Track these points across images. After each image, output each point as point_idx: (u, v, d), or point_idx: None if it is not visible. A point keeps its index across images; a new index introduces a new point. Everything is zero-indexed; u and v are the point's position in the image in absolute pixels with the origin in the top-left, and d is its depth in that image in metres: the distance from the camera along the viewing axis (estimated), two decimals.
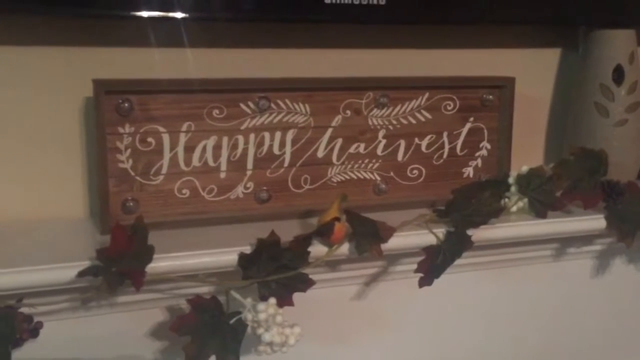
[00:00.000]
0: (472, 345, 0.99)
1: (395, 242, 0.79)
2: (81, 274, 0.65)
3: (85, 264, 0.67)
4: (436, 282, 0.80)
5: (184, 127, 0.81)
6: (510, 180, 0.89)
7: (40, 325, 0.68)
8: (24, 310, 0.67)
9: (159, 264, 0.70)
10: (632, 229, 0.90)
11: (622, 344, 1.09)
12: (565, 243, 0.97)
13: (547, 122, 1.11)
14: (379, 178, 0.92)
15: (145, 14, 0.79)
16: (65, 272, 0.66)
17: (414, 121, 0.92)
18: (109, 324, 0.78)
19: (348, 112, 0.88)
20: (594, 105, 1.01)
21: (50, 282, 0.67)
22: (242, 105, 0.83)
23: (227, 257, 0.73)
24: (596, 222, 0.90)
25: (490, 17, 0.97)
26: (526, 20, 1.01)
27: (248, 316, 0.72)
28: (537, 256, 0.97)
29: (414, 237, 0.81)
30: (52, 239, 0.78)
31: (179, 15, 0.81)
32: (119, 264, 0.65)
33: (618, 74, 1.00)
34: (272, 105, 0.84)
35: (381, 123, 0.90)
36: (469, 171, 0.96)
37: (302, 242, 0.74)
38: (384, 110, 0.90)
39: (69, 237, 0.79)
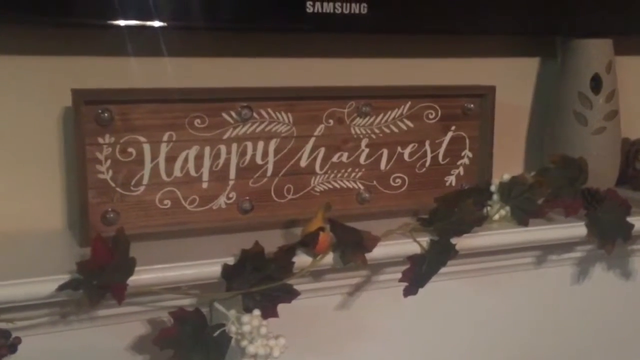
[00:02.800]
0: (456, 353, 0.99)
1: (380, 251, 0.79)
2: (61, 288, 0.63)
3: (64, 277, 0.65)
4: (419, 290, 0.80)
5: (165, 137, 0.80)
6: (493, 188, 0.90)
7: (18, 340, 0.66)
8: (1, 325, 0.66)
9: (140, 277, 0.69)
10: (612, 235, 0.91)
11: (603, 350, 1.10)
12: (546, 250, 0.98)
13: (527, 130, 1.12)
14: (362, 187, 0.91)
15: (126, 22, 0.78)
16: (44, 286, 0.65)
17: (396, 130, 0.92)
18: (90, 338, 0.76)
19: (331, 121, 0.88)
20: (572, 113, 1.02)
21: (29, 296, 0.65)
22: (224, 115, 0.82)
23: (211, 269, 0.72)
24: (577, 229, 0.91)
25: (470, 27, 0.98)
26: (506, 30, 1.02)
27: (232, 328, 0.71)
28: (519, 264, 0.98)
29: (399, 246, 0.81)
30: (30, 252, 0.76)
31: (158, 24, 0.80)
32: (100, 276, 0.63)
33: (596, 83, 1.01)
34: (255, 114, 0.84)
35: (364, 132, 0.90)
36: (451, 180, 0.96)
37: (287, 252, 0.73)
38: (366, 119, 0.90)
39: (46, 250, 0.77)
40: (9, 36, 0.80)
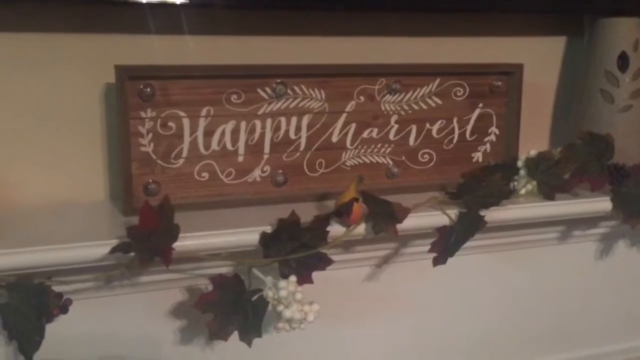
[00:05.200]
0: (481, 325, 1.01)
1: (410, 222, 0.81)
2: (113, 250, 0.67)
3: (114, 242, 0.69)
4: (446, 264, 0.83)
5: (204, 112, 0.83)
6: (519, 163, 0.92)
7: (69, 302, 0.70)
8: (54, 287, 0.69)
9: (184, 243, 0.72)
10: (637, 210, 0.93)
11: (627, 325, 1.12)
12: (571, 225, 0.99)
13: (553, 108, 1.13)
14: (391, 162, 0.94)
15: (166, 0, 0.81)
16: (96, 250, 0.69)
17: (425, 107, 0.94)
18: (131, 303, 0.80)
19: (362, 97, 0.90)
20: (599, 91, 1.03)
21: (82, 259, 0.69)
22: (260, 91, 0.85)
23: (250, 237, 0.75)
24: (603, 203, 0.93)
25: (498, 5, 0.99)
26: (534, 9, 1.03)
27: (269, 293, 0.74)
28: (544, 239, 1.00)
29: (428, 217, 0.83)
30: (79, 220, 0.80)
31: (189, 1, 0.82)
32: (148, 241, 0.67)
33: (623, 61, 1.02)
34: (289, 90, 0.86)
35: (393, 108, 0.92)
36: (478, 156, 0.98)
37: (322, 221, 0.76)
38: (396, 96, 0.92)
39: (93, 218, 0.81)
40: (55, 14, 0.83)
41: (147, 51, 0.87)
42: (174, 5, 0.83)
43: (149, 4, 0.82)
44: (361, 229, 0.80)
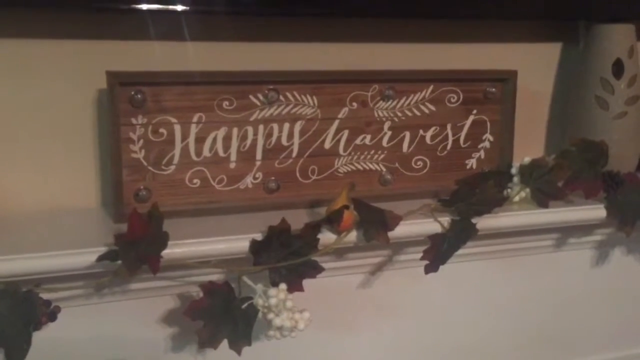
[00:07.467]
0: (474, 333, 1.01)
1: (402, 230, 0.81)
2: (100, 258, 0.67)
3: (102, 249, 0.68)
4: (439, 271, 0.82)
5: (195, 119, 0.83)
6: (513, 170, 0.92)
7: (58, 309, 0.69)
8: (43, 295, 0.69)
9: (173, 250, 0.72)
10: (631, 218, 0.92)
11: (621, 333, 1.11)
12: (566, 233, 0.99)
13: (548, 114, 1.13)
14: (384, 169, 0.94)
15: (157, 7, 0.81)
16: (84, 258, 0.68)
17: (418, 113, 0.94)
18: (122, 310, 0.80)
19: (354, 104, 0.90)
20: (594, 98, 1.03)
21: (69, 267, 0.69)
22: (252, 97, 0.85)
23: (240, 244, 0.75)
24: (597, 211, 0.93)
25: (493, 12, 0.99)
26: (528, 15, 1.03)
27: (259, 301, 0.74)
28: (539, 246, 0.99)
29: (420, 225, 0.83)
30: (69, 227, 0.80)
31: (183, 7, 0.82)
32: (136, 249, 0.66)
33: (618, 68, 1.02)
34: (281, 97, 0.86)
35: (387, 115, 0.92)
36: (472, 163, 0.98)
37: (312, 229, 0.76)
38: (389, 103, 0.92)
39: (83, 225, 0.81)
40: (46, 21, 0.83)
41: (140, 57, 0.86)
42: (168, 12, 0.83)
43: (143, 11, 0.81)
44: (352, 236, 0.79)
